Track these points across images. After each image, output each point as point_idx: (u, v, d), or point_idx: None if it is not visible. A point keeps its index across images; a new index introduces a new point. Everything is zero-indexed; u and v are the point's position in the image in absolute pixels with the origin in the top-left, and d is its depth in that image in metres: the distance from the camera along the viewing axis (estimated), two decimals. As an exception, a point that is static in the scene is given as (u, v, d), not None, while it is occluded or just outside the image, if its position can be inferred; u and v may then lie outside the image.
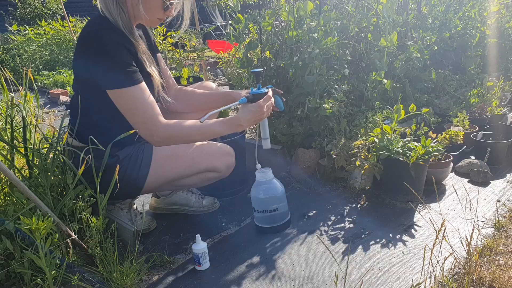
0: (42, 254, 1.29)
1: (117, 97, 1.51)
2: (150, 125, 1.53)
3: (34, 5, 9.54)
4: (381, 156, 1.93)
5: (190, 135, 1.60)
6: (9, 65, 6.38)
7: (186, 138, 1.63)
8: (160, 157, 1.68)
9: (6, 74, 2.58)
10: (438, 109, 2.78)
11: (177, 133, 1.57)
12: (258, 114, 1.61)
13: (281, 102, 1.78)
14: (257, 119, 1.63)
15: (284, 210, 1.81)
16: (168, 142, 1.62)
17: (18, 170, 1.66)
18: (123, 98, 1.51)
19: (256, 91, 1.63)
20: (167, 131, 1.55)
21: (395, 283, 1.44)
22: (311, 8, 2.39)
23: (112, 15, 1.49)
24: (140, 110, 1.51)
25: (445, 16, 3.23)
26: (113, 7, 1.48)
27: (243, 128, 1.66)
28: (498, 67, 3.51)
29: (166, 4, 1.51)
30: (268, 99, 1.63)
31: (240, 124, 1.61)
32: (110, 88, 1.50)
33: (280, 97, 1.79)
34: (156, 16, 1.57)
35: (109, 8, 1.48)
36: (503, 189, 2.08)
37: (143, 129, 1.54)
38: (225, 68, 2.83)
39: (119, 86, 1.48)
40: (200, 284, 1.51)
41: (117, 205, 1.80)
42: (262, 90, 1.63)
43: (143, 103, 1.50)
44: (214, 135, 1.65)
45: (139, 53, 1.56)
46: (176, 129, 1.56)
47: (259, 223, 1.82)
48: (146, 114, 1.51)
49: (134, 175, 1.65)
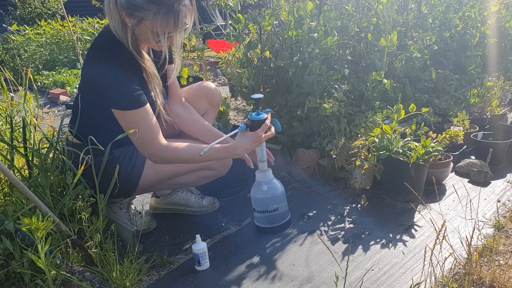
0: (42, 254, 1.29)
1: (121, 117, 1.54)
2: (150, 146, 1.57)
3: (34, 5, 9.54)
4: (381, 156, 1.93)
5: (186, 160, 1.65)
6: (9, 65, 6.37)
7: (182, 162, 1.68)
8: None
9: (6, 74, 2.58)
10: (438, 109, 2.78)
11: (174, 156, 1.60)
12: (255, 144, 1.63)
13: (279, 124, 1.80)
14: (254, 147, 1.65)
15: (284, 210, 1.81)
16: (166, 163, 1.67)
17: (18, 170, 1.66)
18: (126, 119, 1.54)
19: (255, 116, 1.64)
20: (165, 154, 1.59)
21: (395, 283, 1.43)
22: (311, 8, 2.39)
23: (119, 37, 1.51)
24: (142, 131, 1.54)
25: (445, 16, 3.23)
26: (119, 29, 1.49)
27: (239, 156, 1.67)
28: (498, 67, 3.51)
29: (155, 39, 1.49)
30: (265, 127, 1.64)
31: (236, 153, 1.63)
32: (114, 108, 1.53)
33: (278, 119, 1.85)
34: (151, 46, 1.59)
35: (116, 29, 1.50)
36: (504, 189, 2.07)
37: (142, 149, 1.59)
38: (225, 68, 2.83)
39: (123, 108, 1.51)
40: (200, 284, 1.51)
41: (116, 205, 1.80)
42: (261, 115, 1.65)
43: (146, 125, 1.54)
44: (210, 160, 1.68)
45: (144, 73, 1.57)
46: (174, 153, 1.60)
47: (259, 223, 1.82)
48: (147, 136, 1.55)
49: (129, 171, 1.65)
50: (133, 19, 1.46)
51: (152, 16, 1.43)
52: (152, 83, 1.60)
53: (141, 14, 1.44)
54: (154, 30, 1.46)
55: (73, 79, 5.63)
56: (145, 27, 1.46)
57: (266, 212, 1.77)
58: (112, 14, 1.48)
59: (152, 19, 1.44)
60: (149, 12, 1.43)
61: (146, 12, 1.43)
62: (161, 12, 1.42)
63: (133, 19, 1.46)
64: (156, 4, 1.42)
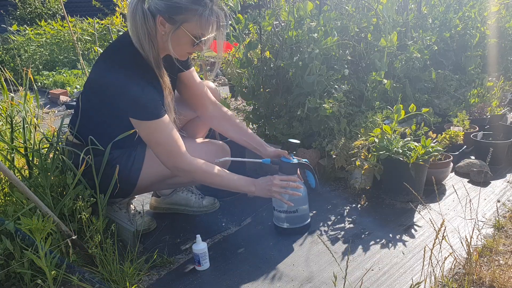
0: (42, 254, 1.29)
1: (141, 127, 1.54)
2: (175, 159, 1.57)
3: (34, 5, 9.55)
4: (381, 156, 1.93)
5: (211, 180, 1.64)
6: (9, 65, 6.38)
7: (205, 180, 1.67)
8: (153, 155, 1.69)
9: (6, 74, 2.58)
10: (438, 109, 2.78)
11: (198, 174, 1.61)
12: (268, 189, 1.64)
13: (313, 179, 1.79)
14: (266, 193, 1.65)
15: (305, 212, 1.78)
16: (188, 177, 1.68)
17: (18, 170, 1.66)
18: (147, 129, 1.54)
19: (286, 160, 1.67)
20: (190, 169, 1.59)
21: (395, 283, 1.44)
22: (311, 8, 2.39)
23: (144, 50, 1.49)
24: (165, 143, 1.54)
25: (445, 16, 3.23)
26: (145, 42, 1.47)
27: (254, 194, 1.67)
28: (498, 67, 3.51)
29: (195, 42, 1.51)
30: (284, 179, 1.65)
31: (252, 191, 1.65)
32: (134, 118, 1.52)
33: (313, 173, 1.79)
34: (185, 51, 1.57)
35: (142, 42, 1.48)
36: (503, 189, 2.08)
37: (166, 161, 1.58)
38: (225, 68, 2.83)
39: (143, 119, 1.51)
40: (200, 284, 1.51)
41: (116, 205, 1.80)
42: (292, 161, 1.67)
43: (167, 136, 1.54)
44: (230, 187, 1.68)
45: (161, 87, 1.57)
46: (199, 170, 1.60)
47: (277, 222, 1.79)
48: (170, 147, 1.55)
49: (127, 172, 1.65)
50: (171, 24, 1.46)
51: (198, 17, 1.44)
52: (167, 100, 1.59)
53: (183, 17, 1.45)
54: (197, 32, 1.47)
55: (73, 79, 5.63)
56: (186, 30, 1.46)
57: (286, 212, 1.74)
58: (137, 23, 1.45)
59: (198, 20, 1.45)
60: (194, 14, 1.44)
61: (191, 14, 1.44)
62: (206, 12, 1.44)
63: (171, 24, 1.46)
64: (201, 5, 1.44)
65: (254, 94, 2.55)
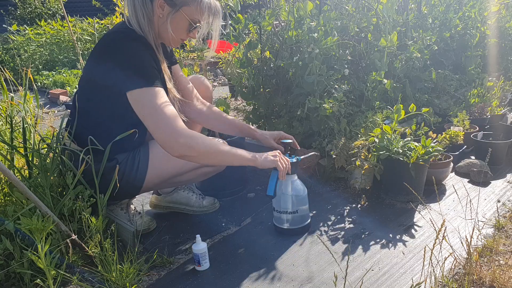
0: (42, 254, 1.29)
1: (139, 98, 1.45)
2: (174, 131, 1.45)
3: (34, 5, 9.55)
4: (381, 156, 1.93)
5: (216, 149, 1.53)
6: (9, 65, 6.38)
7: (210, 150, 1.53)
8: (157, 156, 1.68)
9: (6, 74, 2.58)
10: (438, 109, 2.78)
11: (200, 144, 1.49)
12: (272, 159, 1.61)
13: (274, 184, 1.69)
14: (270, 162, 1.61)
15: (305, 213, 1.78)
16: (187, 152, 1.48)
17: (18, 170, 1.66)
18: (144, 98, 1.45)
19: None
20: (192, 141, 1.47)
21: (395, 283, 1.43)
22: (311, 8, 2.39)
23: (143, 31, 1.50)
24: (162, 113, 1.44)
25: (445, 16, 3.23)
26: (144, 23, 1.49)
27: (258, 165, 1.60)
28: (498, 67, 3.51)
29: (192, 26, 1.52)
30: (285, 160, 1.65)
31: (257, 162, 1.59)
32: (133, 88, 1.44)
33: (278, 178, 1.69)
34: (180, 37, 1.58)
35: (140, 24, 1.49)
36: (503, 189, 2.07)
37: (166, 137, 1.45)
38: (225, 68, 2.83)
39: (142, 86, 1.45)
40: (200, 284, 1.51)
41: (115, 205, 1.80)
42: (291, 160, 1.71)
43: (164, 106, 1.45)
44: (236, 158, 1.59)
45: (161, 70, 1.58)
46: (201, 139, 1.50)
47: (277, 223, 1.79)
48: (167, 118, 1.44)
49: (133, 175, 1.65)
50: (170, 6, 1.47)
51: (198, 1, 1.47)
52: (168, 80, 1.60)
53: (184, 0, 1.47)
54: (195, 17, 1.49)
55: (73, 79, 5.64)
56: (184, 14, 1.48)
57: (286, 213, 1.74)
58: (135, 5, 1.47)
59: (198, 5, 1.47)
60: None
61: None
62: None
63: (170, 6, 1.47)
64: None
65: (254, 94, 2.55)
